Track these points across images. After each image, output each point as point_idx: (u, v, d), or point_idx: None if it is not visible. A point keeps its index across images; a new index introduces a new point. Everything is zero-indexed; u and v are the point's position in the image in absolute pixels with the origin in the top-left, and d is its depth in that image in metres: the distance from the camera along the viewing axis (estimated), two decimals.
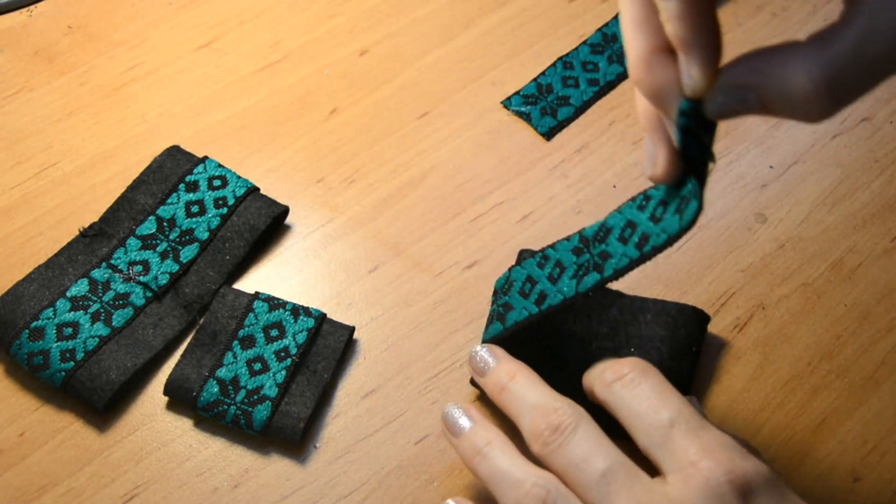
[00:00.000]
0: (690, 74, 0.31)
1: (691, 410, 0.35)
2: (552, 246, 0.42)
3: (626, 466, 0.34)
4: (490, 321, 0.43)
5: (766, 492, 0.33)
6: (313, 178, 0.52)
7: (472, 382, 0.44)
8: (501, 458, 0.36)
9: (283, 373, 0.43)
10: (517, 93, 0.56)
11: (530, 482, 0.35)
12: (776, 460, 0.42)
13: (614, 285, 0.45)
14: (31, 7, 0.59)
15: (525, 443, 0.36)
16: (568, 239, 0.41)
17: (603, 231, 0.39)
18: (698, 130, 0.32)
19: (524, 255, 0.46)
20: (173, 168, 0.49)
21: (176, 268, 0.46)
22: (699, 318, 0.45)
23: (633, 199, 0.39)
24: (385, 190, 0.51)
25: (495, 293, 0.44)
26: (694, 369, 0.44)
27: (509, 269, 0.44)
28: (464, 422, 0.38)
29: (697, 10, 0.30)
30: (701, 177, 0.34)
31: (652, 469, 0.34)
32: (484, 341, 0.43)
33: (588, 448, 0.35)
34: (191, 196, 0.48)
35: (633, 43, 0.33)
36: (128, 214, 0.48)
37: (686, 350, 0.44)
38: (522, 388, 0.38)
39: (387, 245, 0.49)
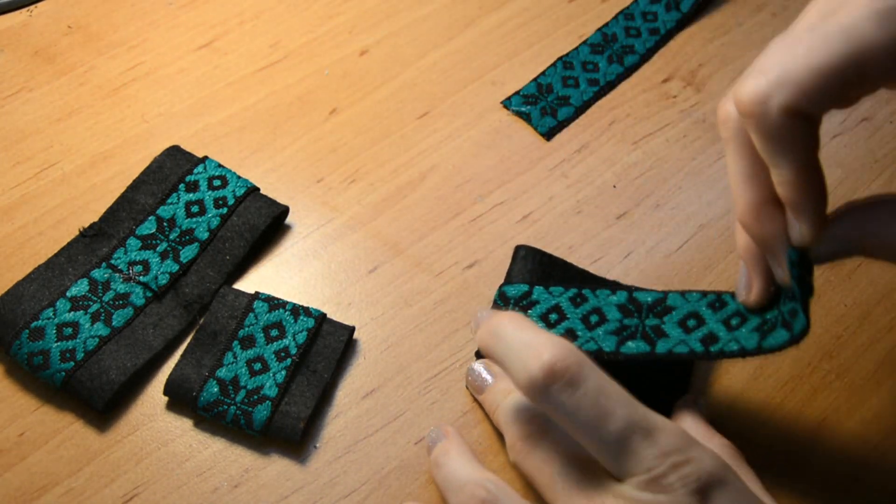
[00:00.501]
0: (801, 231, 0.35)
1: (635, 409, 0.33)
2: (591, 288, 0.43)
3: (583, 469, 0.35)
4: None
5: (722, 487, 0.32)
6: (313, 178, 0.52)
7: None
8: (454, 464, 0.39)
9: (283, 373, 0.43)
10: (517, 93, 0.56)
11: (472, 483, 0.37)
12: (776, 460, 0.42)
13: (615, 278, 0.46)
14: (31, 7, 0.59)
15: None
16: (612, 291, 0.43)
17: (661, 307, 0.41)
18: (803, 272, 0.36)
19: (522, 253, 0.46)
20: (173, 168, 0.49)
21: (176, 268, 0.46)
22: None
23: (703, 294, 0.42)
24: (385, 190, 0.51)
25: (505, 299, 0.44)
26: (690, 367, 0.44)
27: (530, 286, 0.44)
28: (435, 435, 0.42)
29: (807, 176, 0.33)
30: (805, 309, 0.36)
31: None
32: None
33: (550, 454, 0.36)
34: (191, 196, 0.48)
35: (743, 194, 0.36)
36: (128, 214, 0.48)
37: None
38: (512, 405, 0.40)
39: (387, 245, 0.49)
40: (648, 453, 0.32)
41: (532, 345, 0.34)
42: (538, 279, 0.45)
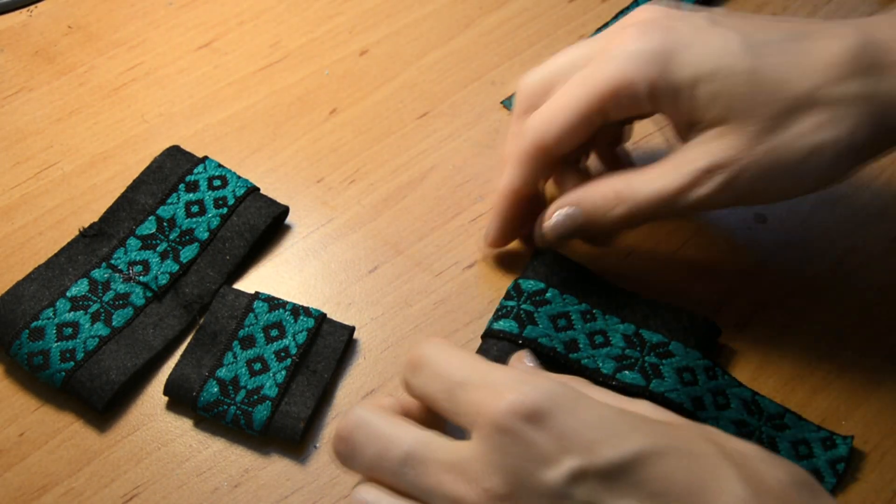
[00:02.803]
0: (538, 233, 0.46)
1: (474, 361, 0.33)
2: (603, 310, 0.44)
3: (424, 443, 0.33)
4: (506, 314, 0.44)
5: (556, 410, 0.31)
6: (313, 178, 0.52)
7: None
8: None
9: (283, 373, 0.43)
10: None
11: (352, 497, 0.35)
12: None
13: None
14: (31, 7, 0.59)
15: None
16: (621, 318, 0.44)
17: (663, 349, 0.42)
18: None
19: (544, 252, 0.46)
20: (173, 168, 0.49)
21: (176, 268, 0.46)
22: (710, 330, 0.45)
23: (702, 355, 0.43)
24: (385, 190, 0.51)
25: (519, 291, 0.45)
26: None
27: (546, 285, 0.44)
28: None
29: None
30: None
31: None
32: (490, 328, 0.44)
33: (384, 440, 0.34)
34: (191, 196, 0.48)
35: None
36: (128, 214, 0.48)
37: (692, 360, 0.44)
38: None
39: (387, 245, 0.49)
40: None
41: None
42: (556, 282, 0.45)
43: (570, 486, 0.30)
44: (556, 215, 0.43)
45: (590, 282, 0.46)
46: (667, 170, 0.40)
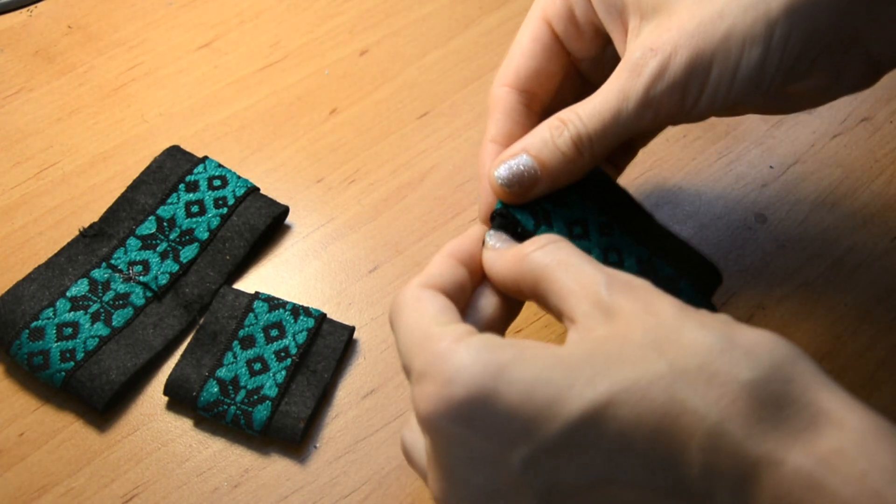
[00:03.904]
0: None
1: (419, 326, 0.31)
2: (620, 225, 0.41)
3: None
4: (526, 205, 0.40)
5: (483, 400, 0.28)
6: (313, 178, 0.52)
7: None
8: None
9: (283, 373, 0.43)
10: None
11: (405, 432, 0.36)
12: None
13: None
14: (31, 7, 0.59)
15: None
16: (637, 240, 0.40)
17: (672, 284, 0.40)
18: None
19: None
20: (173, 168, 0.49)
21: (176, 268, 0.46)
22: (714, 277, 0.42)
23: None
24: (385, 190, 0.51)
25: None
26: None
27: (570, 186, 0.40)
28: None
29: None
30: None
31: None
32: (507, 212, 0.39)
33: None
34: (191, 196, 0.48)
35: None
36: (128, 214, 0.48)
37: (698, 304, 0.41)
38: None
39: (387, 245, 0.49)
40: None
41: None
42: (579, 186, 0.41)
43: (526, 475, 0.28)
44: (504, 164, 0.38)
45: (614, 193, 0.41)
46: (607, 84, 0.37)
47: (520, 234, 0.38)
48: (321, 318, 0.45)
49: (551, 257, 0.33)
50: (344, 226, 0.50)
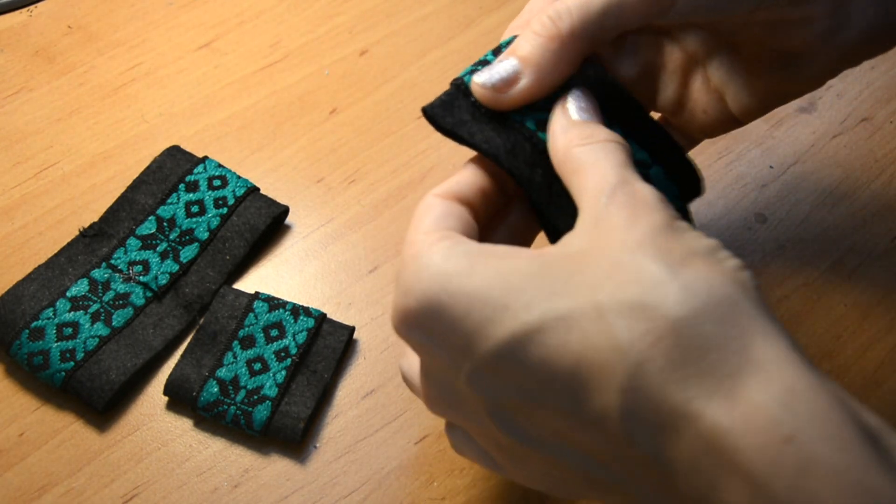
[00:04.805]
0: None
1: (417, 222, 0.32)
2: (626, 129, 0.37)
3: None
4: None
5: (435, 309, 0.28)
6: (313, 178, 0.52)
7: None
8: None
9: (283, 373, 0.43)
10: None
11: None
12: None
13: None
14: (31, 7, 0.59)
15: None
16: (641, 146, 0.37)
17: (643, 168, 0.36)
18: None
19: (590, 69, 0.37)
20: (173, 168, 0.49)
21: (176, 268, 0.46)
22: (693, 180, 0.38)
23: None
24: (385, 190, 0.51)
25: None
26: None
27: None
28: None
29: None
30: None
31: None
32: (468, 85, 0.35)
33: None
34: (191, 196, 0.48)
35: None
36: (128, 214, 0.48)
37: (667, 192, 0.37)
38: None
39: (387, 245, 0.49)
40: None
41: None
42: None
43: (471, 387, 0.28)
44: (477, 73, 0.34)
45: (611, 88, 0.37)
46: None
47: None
48: (321, 318, 0.45)
49: (592, 156, 0.31)
50: (344, 226, 0.50)
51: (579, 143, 0.32)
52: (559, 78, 0.33)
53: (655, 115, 0.41)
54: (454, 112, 0.35)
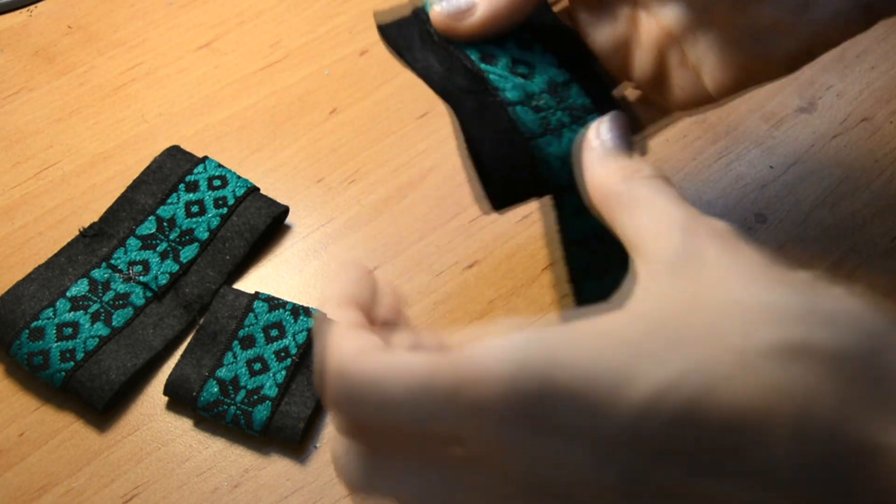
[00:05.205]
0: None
1: None
2: (570, 77, 0.36)
3: None
4: None
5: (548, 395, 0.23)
6: (313, 178, 0.52)
7: None
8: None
9: (283, 373, 0.43)
10: None
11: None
12: None
13: None
14: (31, 7, 0.59)
15: None
16: (586, 93, 0.36)
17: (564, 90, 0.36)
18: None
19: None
20: (173, 168, 0.49)
21: (176, 268, 0.46)
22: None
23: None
24: (385, 190, 0.51)
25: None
26: None
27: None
28: None
29: None
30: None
31: None
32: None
33: None
34: (191, 196, 0.48)
35: None
36: (128, 214, 0.48)
37: None
38: None
39: (387, 245, 0.49)
40: None
41: None
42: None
43: (599, 471, 0.23)
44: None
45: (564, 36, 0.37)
46: None
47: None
48: None
49: (643, 191, 0.29)
50: (344, 226, 0.50)
51: (625, 176, 0.30)
52: (512, 15, 0.34)
53: (632, 90, 0.41)
54: (405, 34, 0.36)
